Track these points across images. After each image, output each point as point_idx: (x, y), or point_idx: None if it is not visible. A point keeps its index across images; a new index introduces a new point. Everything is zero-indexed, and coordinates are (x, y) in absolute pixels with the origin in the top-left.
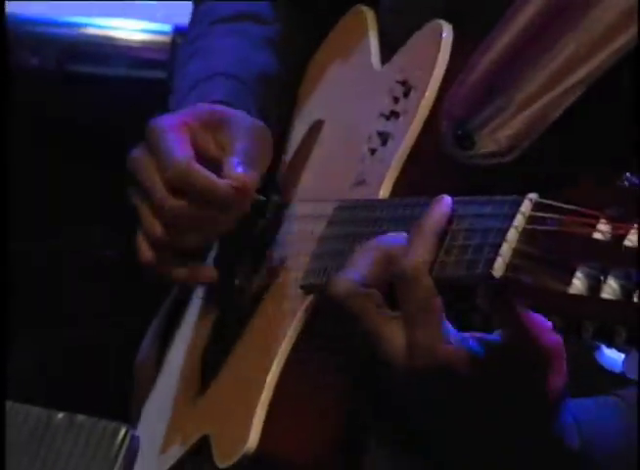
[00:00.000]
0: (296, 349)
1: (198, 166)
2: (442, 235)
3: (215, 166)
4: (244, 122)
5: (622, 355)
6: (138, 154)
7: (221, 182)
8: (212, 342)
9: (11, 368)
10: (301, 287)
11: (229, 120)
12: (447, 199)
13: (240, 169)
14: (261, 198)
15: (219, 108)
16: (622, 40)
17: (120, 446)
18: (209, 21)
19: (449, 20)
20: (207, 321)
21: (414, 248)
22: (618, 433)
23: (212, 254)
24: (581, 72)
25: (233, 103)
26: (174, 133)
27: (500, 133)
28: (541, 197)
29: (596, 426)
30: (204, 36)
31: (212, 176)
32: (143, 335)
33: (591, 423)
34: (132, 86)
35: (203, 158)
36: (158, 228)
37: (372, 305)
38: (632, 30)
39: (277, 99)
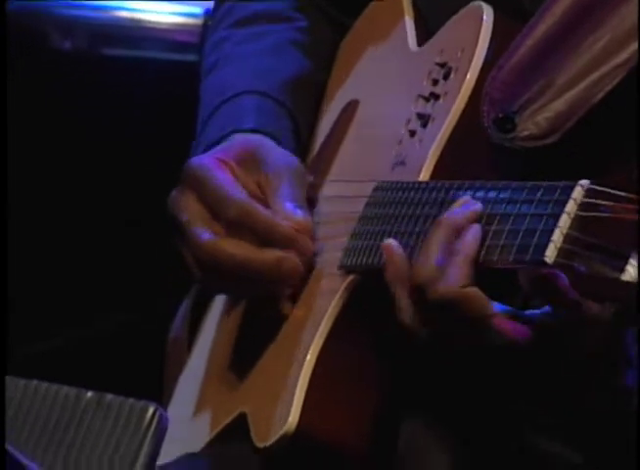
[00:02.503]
0: (335, 328)
1: (259, 206)
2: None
3: None
4: (280, 162)
5: None
6: (179, 193)
7: (283, 222)
8: (247, 321)
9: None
10: (341, 267)
11: (266, 161)
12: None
13: (299, 212)
14: None
15: (253, 144)
16: None
17: (149, 425)
18: (232, 21)
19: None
20: (241, 301)
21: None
22: None
23: None
24: (622, 56)
25: (266, 129)
26: (220, 172)
27: (540, 116)
28: (592, 183)
29: None
30: (225, 41)
31: (274, 217)
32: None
33: None
34: (164, 68)
35: None
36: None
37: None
38: None
39: (314, 99)
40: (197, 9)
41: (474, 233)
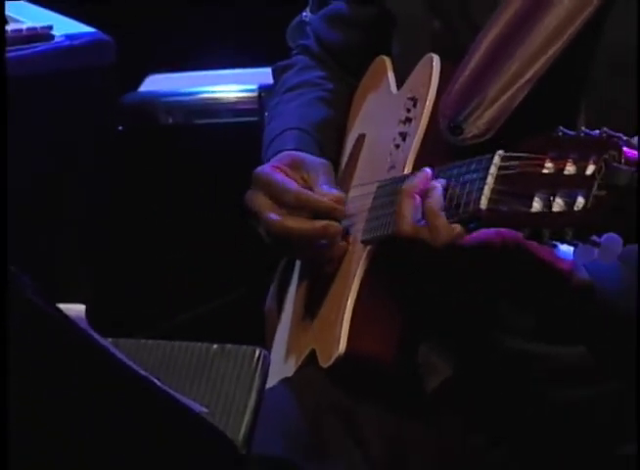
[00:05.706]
0: (364, 280)
1: (307, 191)
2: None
3: None
4: (315, 162)
5: (572, 248)
6: (252, 193)
7: (325, 198)
8: (313, 286)
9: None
10: (362, 242)
11: (305, 162)
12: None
13: (333, 190)
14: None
15: (295, 154)
16: (550, 53)
17: (257, 363)
18: (282, 91)
19: (436, 53)
20: (308, 274)
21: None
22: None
23: None
24: (528, 76)
25: (301, 149)
26: (277, 174)
27: (479, 121)
28: (506, 151)
29: (600, 266)
30: (278, 103)
31: (319, 196)
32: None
33: (594, 264)
34: (235, 128)
35: None
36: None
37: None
38: (555, 47)
39: (336, 137)
40: (252, 85)
41: (437, 192)
